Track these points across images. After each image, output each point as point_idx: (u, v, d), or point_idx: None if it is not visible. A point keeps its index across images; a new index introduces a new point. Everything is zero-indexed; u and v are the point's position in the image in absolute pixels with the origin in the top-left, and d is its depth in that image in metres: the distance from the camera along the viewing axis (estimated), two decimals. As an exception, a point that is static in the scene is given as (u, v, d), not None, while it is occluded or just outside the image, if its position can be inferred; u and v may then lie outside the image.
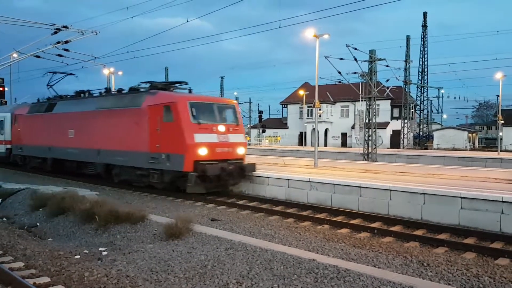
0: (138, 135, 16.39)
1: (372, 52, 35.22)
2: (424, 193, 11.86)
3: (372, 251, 9.26)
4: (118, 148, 17.48)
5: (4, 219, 13.20)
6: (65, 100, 22.16)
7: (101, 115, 18.66)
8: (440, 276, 7.71)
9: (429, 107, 64.45)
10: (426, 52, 59.63)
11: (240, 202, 14.87)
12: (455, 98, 67.27)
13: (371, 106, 35.87)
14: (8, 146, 27.39)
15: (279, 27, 17.47)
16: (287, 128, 69.85)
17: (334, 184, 14.05)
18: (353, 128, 61.04)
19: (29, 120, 24.84)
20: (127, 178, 17.82)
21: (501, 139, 46.43)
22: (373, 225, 11.30)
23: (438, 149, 53.68)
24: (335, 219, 12.07)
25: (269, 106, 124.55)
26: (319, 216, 12.46)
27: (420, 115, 61.54)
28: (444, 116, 74.16)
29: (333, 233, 10.81)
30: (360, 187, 13.25)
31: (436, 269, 8.06)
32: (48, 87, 24.43)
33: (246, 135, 18.20)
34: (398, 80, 40.54)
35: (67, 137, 20.77)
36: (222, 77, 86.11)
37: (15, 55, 21.93)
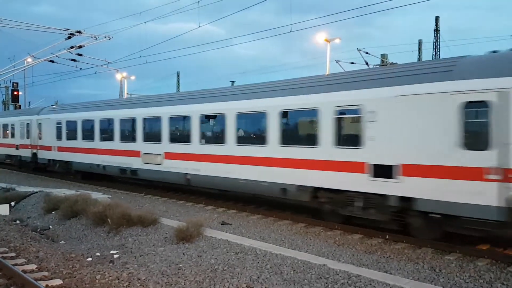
0: None
1: (383, 56, 35.08)
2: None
3: (384, 256, 9.19)
4: None
5: (17, 221, 13.36)
6: None
7: None
8: (452, 283, 7.63)
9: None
10: (438, 56, 59.22)
11: (251, 206, 14.85)
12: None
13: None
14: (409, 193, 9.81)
15: (290, 31, 17.43)
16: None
17: None
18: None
19: None
20: None
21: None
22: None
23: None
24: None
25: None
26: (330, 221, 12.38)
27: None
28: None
29: (345, 238, 10.75)
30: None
31: (448, 275, 7.98)
32: None
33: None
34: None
35: None
36: (232, 82, 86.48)
37: (29, 59, 22.22)
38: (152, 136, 17.36)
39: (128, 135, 18.74)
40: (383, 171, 10.09)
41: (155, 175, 17.33)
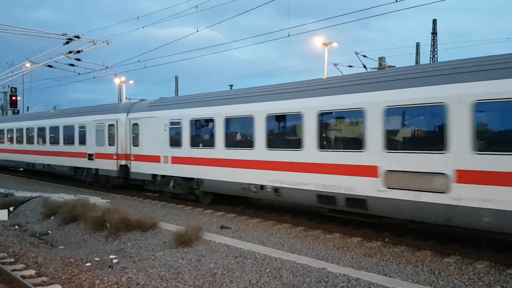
0: None
1: (381, 59, 35.22)
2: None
3: (383, 260, 9.19)
4: None
5: (16, 226, 13.35)
6: None
7: None
8: (452, 285, 7.63)
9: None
10: (436, 59, 59.48)
11: (249, 210, 14.84)
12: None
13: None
14: None
15: (288, 35, 17.48)
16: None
17: None
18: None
19: None
20: None
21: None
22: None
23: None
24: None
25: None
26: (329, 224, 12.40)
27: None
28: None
29: (344, 241, 10.75)
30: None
31: (447, 278, 7.98)
32: None
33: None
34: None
35: None
36: (231, 85, 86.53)
37: (27, 64, 22.24)
38: (415, 140, 10.05)
39: (343, 140, 11.39)
40: None
41: (428, 212, 9.37)
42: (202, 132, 15.53)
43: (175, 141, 16.12)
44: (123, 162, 18.81)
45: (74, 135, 22.14)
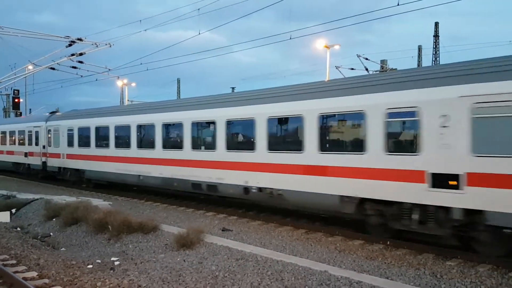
0: None
1: (383, 62, 35.21)
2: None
3: (385, 263, 9.18)
4: None
5: (18, 229, 13.36)
6: None
7: None
8: (454, 289, 7.61)
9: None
10: (438, 62, 59.44)
11: (251, 212, 14.84)
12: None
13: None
14: None
15: (290, 38, 17.48)
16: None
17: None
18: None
19: None
20: None
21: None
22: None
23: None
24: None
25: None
26: (330, 227, 12.38)
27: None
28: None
29: (346, 244, 10.73)
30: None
31: (449, 281, 7.96)
32: None
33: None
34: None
35: None
36: (233, 88, 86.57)
37: (30, 67, 22.25)
38: None
39: None
40: None
41: None
42: None
43: None
44: None
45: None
